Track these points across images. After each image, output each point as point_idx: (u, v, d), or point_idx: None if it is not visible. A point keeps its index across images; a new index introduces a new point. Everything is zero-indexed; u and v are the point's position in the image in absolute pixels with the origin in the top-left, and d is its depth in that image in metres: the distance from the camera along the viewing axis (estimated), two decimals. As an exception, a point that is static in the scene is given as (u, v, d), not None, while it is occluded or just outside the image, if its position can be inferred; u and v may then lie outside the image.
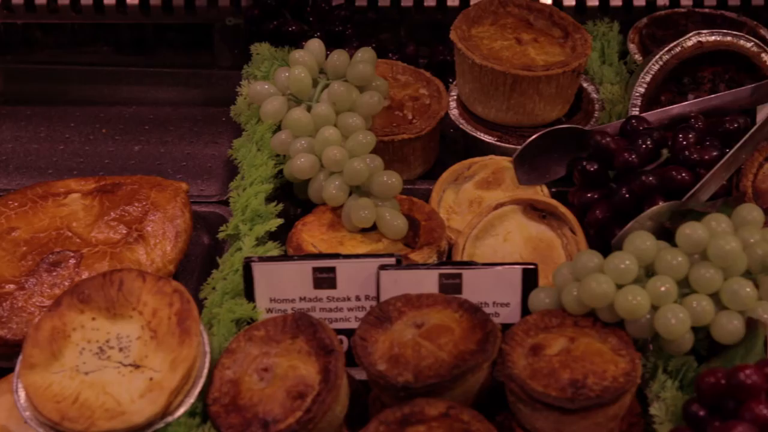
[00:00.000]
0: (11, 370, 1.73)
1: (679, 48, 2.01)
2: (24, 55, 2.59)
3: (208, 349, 1.56)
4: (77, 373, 1.51)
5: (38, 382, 1.49)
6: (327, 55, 2.09)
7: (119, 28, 2.53)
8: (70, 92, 2.47)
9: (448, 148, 2.25)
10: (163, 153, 2.30)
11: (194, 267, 1.99)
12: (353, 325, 1.72)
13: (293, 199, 2.05)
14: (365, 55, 2.06)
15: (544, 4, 2.16)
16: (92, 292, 1.58)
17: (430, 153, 2.17)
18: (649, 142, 1.81)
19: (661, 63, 2.01)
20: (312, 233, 1.88)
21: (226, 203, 2.08)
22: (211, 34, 2.57)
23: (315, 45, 2.10)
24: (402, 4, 2.52)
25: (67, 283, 1.77)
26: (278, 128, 2.06)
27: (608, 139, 1.83)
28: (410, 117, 2.13)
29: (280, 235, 1.87)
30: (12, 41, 2.63)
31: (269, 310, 1.72)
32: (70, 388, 1.49)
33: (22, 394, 1.51)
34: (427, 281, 1.68)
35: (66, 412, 1.45)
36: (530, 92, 2.01)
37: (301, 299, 1.71)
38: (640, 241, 1.57)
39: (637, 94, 2.01)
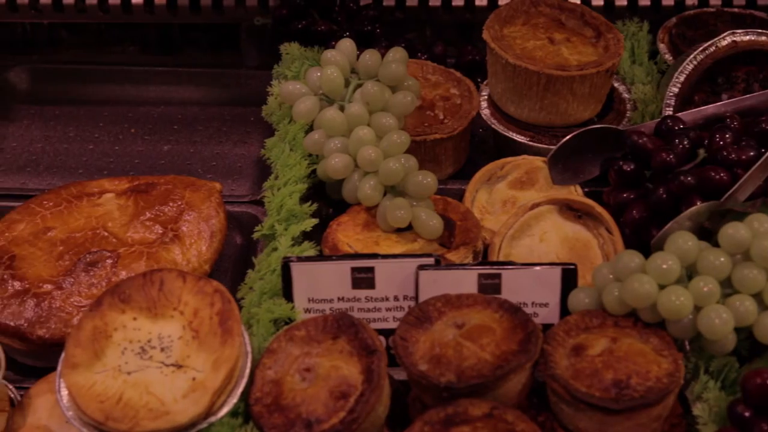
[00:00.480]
0: (49, 369, 1.75)
1: (714, 48, 2.00)
2: (51, 54, 2.59)
3: (249, 349, 1.56)
4: (120, 373, 1.50)
5: (81, 381, 1.49)
6: (358, 55, 2.09)
7: (146, 28, 2.53)
8: (98, 92, 2.47)
9: (477, 147, 2.24)
10: (192, 153, 2.30)
11: (227, 267, 1.99)
12: (391, 325, 1.72)
13: (325, 198, 2.05)
14: (397, 54, 2.06)
15: (576, 4, 2.16)
16: (133, 292, 1.58)
17: (461, 153, 2.16)
18: (686, 142, 1.80)
19: (695, 63, 2.00)
20: (347, 233, 1.88)
21: (257, 203, 2.09)
22: (239, 33, 2.57)
23: (346, 45, 2.10)
24: (430, 3, 2.50)
25: (104, 283, 1.77)
26: (310, 128, 2.06)
27: (645, 139, 1.82)
28: (441, 117, 2.12)
29: (312, 235, 1.87)
30: (39, 41, 2.62)
31: (307, 310, 1.72)
32: (113, 388, 1.48)
33: (64, 393, 1.51)
34: (465, 281, 1.68)
35: (110, 412, 1.45)
36: (564, 92, 2.01)
37: (339, 299, 1.71)
38: (682, 241, 1.57)
39: (671, 94, 2.01)
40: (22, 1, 2.51)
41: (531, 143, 2.08)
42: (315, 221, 1.87)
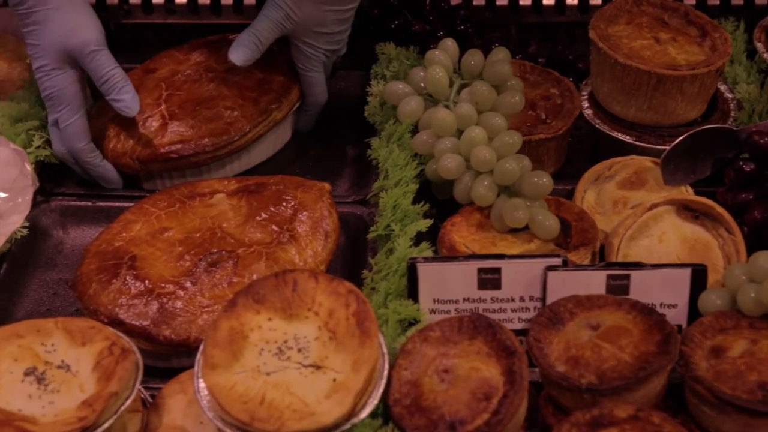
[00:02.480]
0: (169, 370, 1.75)
1: (822, 46, 1.99)
2: (135, 55, 2.58)
3: (385, 350, 1.56)
4: (259, 374, 1.50)
5: (222, 382, 1.49)
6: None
7: (235, 28, 2.52)
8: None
9: (573, 147, 2.23)
10: (288, 153, 2.29)
11: (335, 267, 1.98)
12: (516, 326, 1.72)
13: (428, 198, 2.04)
14: (500, 54, 2.06)
15: (680, 3, 2.15)
16: (267, 293, 1.58)
17: (561, 153, 2.16)
18: (809, 142, 1.79)
19: (804, 61, 2.00)
20: (461, 234, 1.87)
21: (361, 203, 2.09)
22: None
23: (449, 44, 2.10)
24: (520, 3, 2.50)
25: (226, 284, 1.77)
26: (414, 128, 2.06)
27: (766, 138, 1.81)
28: (543, 116, 2.12)
29: (423, 236, 1.87)
30: (123, 41, 2.62)
31: (432, 311, 1.72)
32: (255, 389, 1.48)
33: (204, 394, 1.51)
34: (593, 282, 1.67)
35: (255, 413, 1.45)
36: (673, 92, 2.00)
37: (464, 300, 1.71)
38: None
39: (782, 93, 2.00)
40: (112, 2, 2.51)
41: (637, 143, 2.07)
42: (430, 222, 1.86)
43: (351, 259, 2.02)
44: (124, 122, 2.12)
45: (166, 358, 1.77)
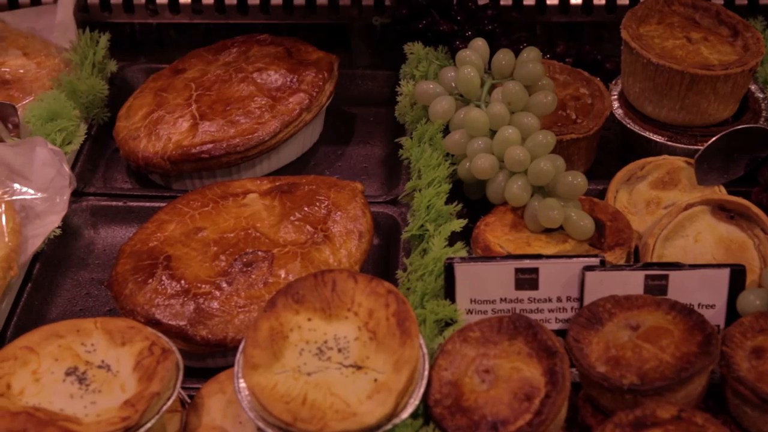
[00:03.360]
0: (206, 370, 1.75)
1: None
2: (160, 55, 2.58)
3: (425, 350, 1.56)
4: (300, 374, 1.50)
5: (263, 382, 1.49)
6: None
7: (256, 28, 2.52)
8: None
9: (601, 147, 2.23)
10: (317, 153, 2.29)
11: (368, 268, 1.98)
12: (554, 326, 1.71)
13: (459, 198, 2.03)
14: (531, 54, 2.05)
15: (711, 3, 2.14)
16: (306, 293, 1.57)
17: (591, 153, 2.15)
18: None
19: (839, 61, 1.99)
20: (495, 234, 1.87)
21: (392, 203, 2.08)
22: (354, 33, 2.56)
23: (480, 44, 2.09)
24: (547, 2, 2.49)
25: (261, 284, 1.77)
26: (445, 128, 2.05)
27: (804, 138, 1.81)
28: (574, 116, 2.11)
29: (456, 236, 1.86)
30: (148, 41, 2.63)
31: (469, 311, 1.71)
32: (296, 389, 1.48)
33: (245, 394, 1.51)
34: (631, 282, 1.66)
35: (297, 413, 1.45)
36: (707, 92, 1.99)
37: (501, 300, 1.71)
38: None
39: (815, 93, 1.99)
40: (139, 2, 2.52)
41: (669, 143, 2.07)
42: (464, 222, 1.86)
43: (382, 258, 2.02)
44: (154, 123, 2.12)
45: (202, 358, 1.77)
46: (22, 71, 2.28)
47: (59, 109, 2.14)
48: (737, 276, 1.65)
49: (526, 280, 1.69)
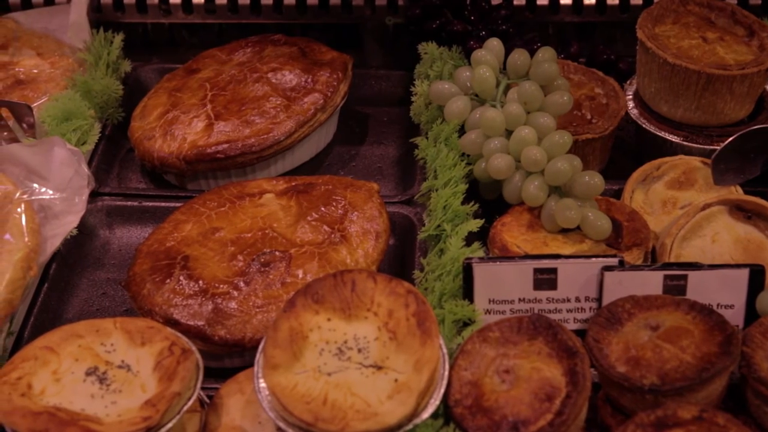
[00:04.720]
0: (224, 370, 1.75)
1: None
2: (173, 55, 2.58)
3: (445, 350, 1.56)
4: (320, 374, 1.50)
5: (283, 382, 1.49)
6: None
7: (269, 28, 2.52)
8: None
9: (616, 147, 2.22)
10: (331, 153, 2.29)
11: (384, 268, 1.97)
12: (572, 326, 1.71)
13: (475, 198, 2.03)
14: (547, 54, 2.05)
15: (726, 3, 2.14)
16: (326, 293, 1.57)
17: (606, 153, 2.15)
18: None
19: None
20: (512, 234, 1.87)
21: (407, 203, 2.08)
22: (366, 33, 2.56)
23: (495, 44, 2.09)
24: (561, 2, 2.49)
25: (279, 284, 1.77)
26: (461, 128, 2.05)
27: (822, 138, 1.81)
28: (589, 116, 2.11)
29: (473, 236, 1.86)
30: (160, 41, 2.63)
31: (487, 311, 1.71)
32: (317, 389, 1.48)
33: (265, 394, 1.51)
34: (650, 282, 1.66)
35: (318, 413, 1.44)
36: (723, 91, 1.99)
37: (520, 300, 1.71)
38: None
39: (831, 94, 1.99)
40: (152, 2, 2.52)
41: (685, 143, 2.06)
42: (481, 222, 1.86)
43: (398, 258, 2.02)
44: (169, 123, 2.12)
45: (219, 358, 1.77)
46: (36, 71, 2.29)
47: (74, 109, 2.14)
48: (757, 276, 1.65)
49: (545, 280, 1.69)
